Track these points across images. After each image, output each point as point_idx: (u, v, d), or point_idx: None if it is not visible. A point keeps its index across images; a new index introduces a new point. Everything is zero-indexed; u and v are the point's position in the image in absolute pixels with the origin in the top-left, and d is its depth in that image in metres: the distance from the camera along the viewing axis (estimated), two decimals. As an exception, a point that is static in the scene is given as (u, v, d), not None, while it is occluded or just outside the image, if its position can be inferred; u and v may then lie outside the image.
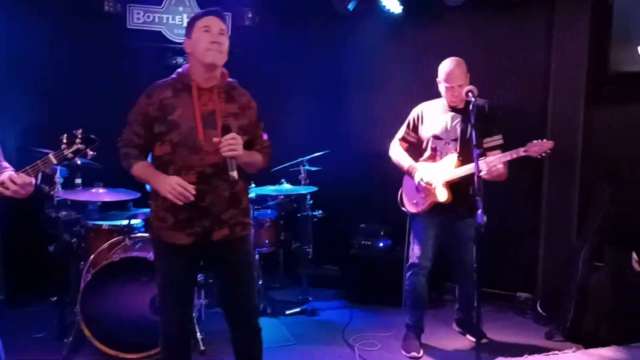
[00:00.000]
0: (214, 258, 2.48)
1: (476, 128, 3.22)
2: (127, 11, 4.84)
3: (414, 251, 3.54)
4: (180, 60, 5.30)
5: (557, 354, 3.18)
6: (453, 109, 3.45)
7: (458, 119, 3.42)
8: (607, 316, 3.57)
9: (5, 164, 2.44)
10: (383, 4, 4.48)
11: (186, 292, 2.53)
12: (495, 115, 3.49)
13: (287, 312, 4.19)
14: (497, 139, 3.44)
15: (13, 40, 4.29)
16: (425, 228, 3.50)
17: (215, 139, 2.28)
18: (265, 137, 2.59)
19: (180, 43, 5.02)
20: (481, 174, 3.02)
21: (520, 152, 3.19)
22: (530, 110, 4.40)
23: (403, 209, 3.66)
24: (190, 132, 2.32)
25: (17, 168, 2.32)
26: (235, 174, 2.28)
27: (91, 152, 2.39)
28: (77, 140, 2.34)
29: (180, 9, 4.99)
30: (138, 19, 4.92)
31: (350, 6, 4.47)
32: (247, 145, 2.43)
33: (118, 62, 4.96)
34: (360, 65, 4.92)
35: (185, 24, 4.97)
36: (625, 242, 3.84)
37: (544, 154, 3.19)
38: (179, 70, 2.45)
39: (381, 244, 4.51)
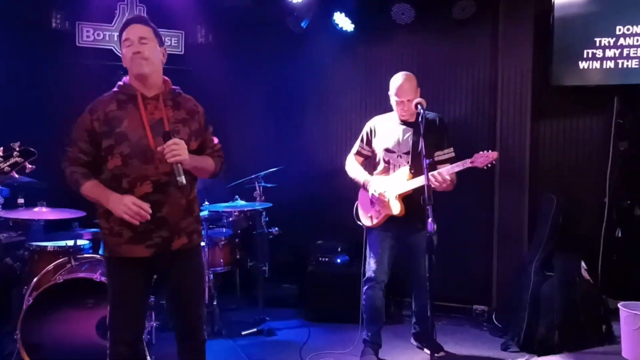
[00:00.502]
0: (168, 267, 2.42)
1: (427, 141, 3.29)
2: (76, 29, 4.76)
3: (370, 265, 3.53)
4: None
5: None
6: (405, 122, 3.50)
7: (410, 132, 3.47)
8: (559, 324, 3.62)
9: None
10: (335, 22, 4.55)
11: (139, 309, 2.45)
12: (446, 128, 3.58)
13: (243, 332, 4.08)
14: (449, 152, 3.51)
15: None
16: (380, 241, 3.51)
17: (159, 147, 2.24)
18: (215, 140, 2.56)
19: (132, 61, 5.01)
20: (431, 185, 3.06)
21: (467, 163, 3.25)
22: (479, 124, 4.52)
23: (359, 222, 3.66)
24: (140, 142, 2.27)
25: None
26: (183, 179, 2.24)
27: (30, 166, 2.28)
28: (15, 153, 2.24)
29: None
30: (88, 36, 4.84)
31: (304, 24, 4.52)
32: (199, 151, 2.43)
33: (67, 79, 4.84)
34: (314, 81, 4.97)
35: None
36: (573, 252, 3.94)
37: (489, 165, 3.25)
38: (120, 82, 2.40)
39: (338, 260, 4.49)
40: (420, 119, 3.04)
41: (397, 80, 3.42)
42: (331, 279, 4.39)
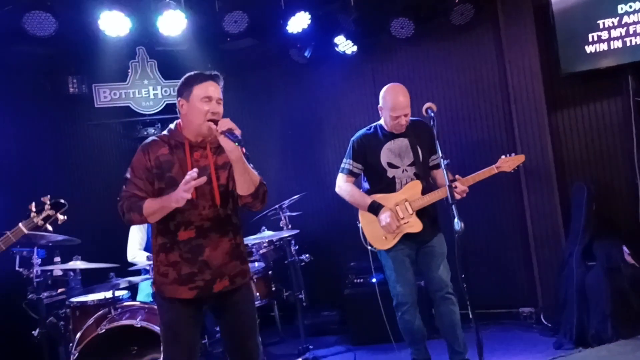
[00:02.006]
0: (217, 305, 2.47)
1: (423, 145, 3.30)
2: (93, 91, 4.96)
3: (397, 290, 3.35)
4: (151, 131, 5.39)
5: (563, 356, 3.07)
6: (393, 134, 3.35)
7: (406, 142, 3.34)
8: (611, 313, 3.49)
9: None
10: (338, 46, 4.64)
11: (191, 347, 2.45)
12: (433, 132, 3.32)
13: (288, 364, 4.05)
14: (439, 157, 3.42)
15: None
16: (400, 262, 3.33)
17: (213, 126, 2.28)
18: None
19: (149, 114, 5.18)
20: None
21: (494, 169, 3.21)
22: (495, 126, 4.50)
23: (369, 247, 3.47)
24: None
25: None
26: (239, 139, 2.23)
27: (62, 217, 2.39)
28: (46, 207, 2.35)
29: (145, 81, 5.11)
30: (105, 97, 5.03)
31: (307, 53, 4.63)
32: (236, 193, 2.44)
33: (89, 138, 5.05)
34: (325, 107, 5.06)
35: (152, 96, 5.14)
36: (613, 237, 3.83)
37: (516, 168, 3.22)
38: (171, 126, 2.47)
39: (374, 280, 4.42)
40: (432, 123, 3.03)
41: (392, 94, 3.28)
42: (369, 300, 4.30)
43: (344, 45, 4.64)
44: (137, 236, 4.25)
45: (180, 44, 4.92)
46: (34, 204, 2.36)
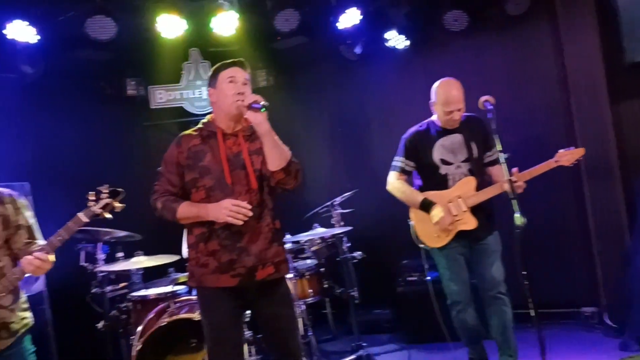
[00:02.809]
0: (258, 301, 2.46)
1: (477, 141, 3.23)
2: (149, 93, 5.12)
3: (451, 288, 3.30)
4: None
5: (631, 356, 2.93)
6: (446, 130, 3.30)
7: (459, 138, 3.27)
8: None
9: (42, 241, 2.52)
10: (388, 41, 4.60)
11: (235, 341, 2.48)
12: (488, 128, 3.29)
13: (342, 361, 4.05)
14: (496, 152, 3.32)
15: (43, 131, 4.58)
16: (454, 260, 3.28)
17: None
18: None
19: (202, 114, 5.30)
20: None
21: (552, 163, 3.11)
22: (553, 120, 4.35)
23: (421, 246, 3.43)
24: (220, 176, 2.39)
25: (58, 248, 2.38)
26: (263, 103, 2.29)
27: (119, 205, 2.43)
28: (103, 195, 2.40)
29: (199, 82, 5.24)
30: (160, 98, 5.19)
31: (357, 50, 4.61)
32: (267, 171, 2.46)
33: (146, 139, 5.20)
34: (376, 103, 5.03)
35: (204, 96, 5.25)
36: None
37: (576, 162, 3.10)
38: (204, 120, 2.55)
39: (428, 278, 4.36)
40: (490, 115, 2.96)
41: (445, 88, 3.23)
42: (423, 298, 4.25)
43: (395, 40, 4.60)
44: None
45: (232, 45, 5.02)
46: (92, 193, 2.42)
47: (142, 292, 3.81)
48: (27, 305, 2.52)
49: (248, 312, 2.77)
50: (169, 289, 3.68)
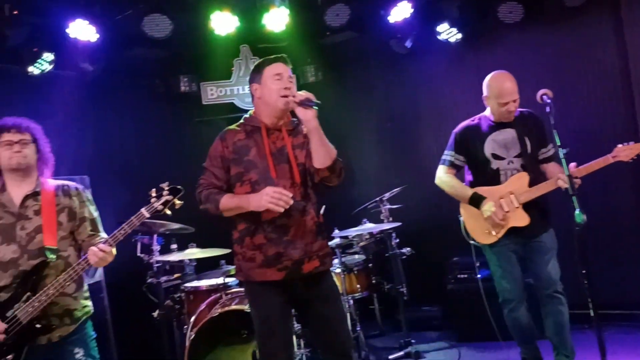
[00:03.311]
0: (304, 293, 2.46)
1: (532, 137, 3.13)
2: (200, 89, 5.23)
3: (503, 286, 3.23)
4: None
5: None
6: (500, 124, 3.21)
7: (512, 133, 3.18)
8: None
9: (103, 234, 2.62)
10: (440, 34, 4.53)
11: (285, 334, 2.49)
12: (543, 123, 3.24)
13: (390, 357, 4.02)
14: (552, 148, 3.22)
15: (101, 127, 4.77)
16: (506, 257, 3.20)
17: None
18: None
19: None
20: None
21: (609, 159, 2.99)
22: (614, 114, 4.18)
23: (472, 242, 3.36)
24: (265, 170, 2.42)
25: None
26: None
27: (179, 202, 2.52)
28: (165, 192, 2.49)
29: (248, 79, 5.29)
30: (212, 94, 5.30)
31: (408, 43, 4.56)
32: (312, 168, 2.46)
33: (198, 135, 5.32)
34: (426, 97, 4.97)
35: (254, 91, 5.32)
36: None
37: (636, 157, 2.97)
38: (246, 115, 2.58)
39: (479, 276, 4.27)
40: (548, 109, 2.87)
41: (498, 80, 3.16)
42: (474, 296, 4.17)
43: (447, 33, 4.52)
44: None
45: (281, 41, 5.06)
46: (154, 190, 2.51)
47: (195, 283, 3.91)
48: (88, 293, 2.64)
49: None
50: (220, 280, 3.77)
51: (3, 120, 2.51)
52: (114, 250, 2.45)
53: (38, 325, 2.36)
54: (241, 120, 2.57)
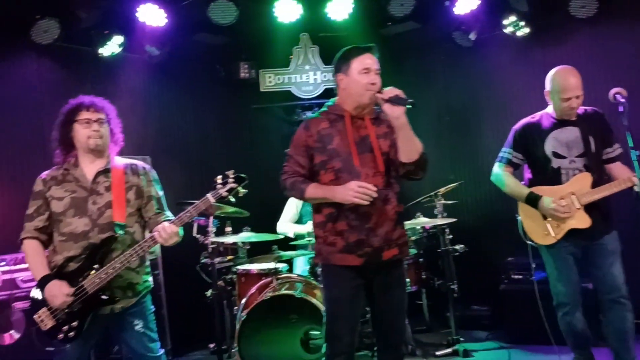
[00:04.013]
0: (375, 276, 2.49)
1: (597, 137, 3.01)
2: (259, 76, 5.30)
3: (558, 288, 3.14)
4: (309, 114, 5.62)
5: None
6: (563, 121, 3.09)
7: (576, 132, 3.06)
8: None
9: (168, 213, 2.71)
10: (507, 28, 4.39)
11: (355, 319, 2.52)
12: (609, 122, 3.11)
13: (437, 353, 3.99)
14: (618, 148, 3.08)
15: (164, 109, 4.91)
16: (564, 259, 3.10)
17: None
18: None
19: (308, 99, 5.41)
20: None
21: None
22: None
23: (529, 242, 3.26)
24: (348, 159, 2.44)
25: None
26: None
27: (243, 190, 2.57)
28: (230, 180, 2.54)
29: (307, 67, 5.34)
30: (270, 82, 5.36)
31: (472, 36, 4.45)
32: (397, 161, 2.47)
33: (254, 122, 5.42)
34: (488, 92, 4.83)
35: (312, 80, 5.35)
36: None
37: None
38: (329, 103, 2.58)
39: (534, 278, 4.16)
40: (622, 109, 2.74)
41: (562, 75, 3.05)
42: (528, 298, 4.07)
43: (514, 26, 4.37)
44: (291, 212, 4.50)
45: (341, 30, 5.05)
46: (219, 176, 2.56)
47: (247, 266, 4.00)
48: (149, 269, 2.74)
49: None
50: (272, 265, 3.83)
51: (80, 98, 2.63)
52: (181, 231, 2.53)
53: (104, 297, 2.47)
54: (323, 108, 2.58)
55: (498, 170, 3.30)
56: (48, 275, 2.47)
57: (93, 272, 2.45)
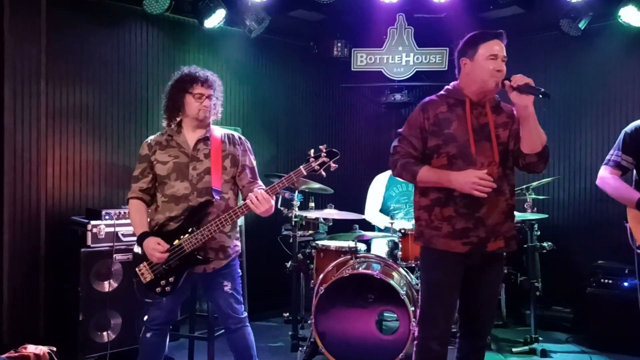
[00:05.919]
0: (475, 266, 2.43)
1: None
2: (352, 55, 5.29)
3: None
4: (398, 97, 5.59)
5: None
6: None
7: None
8: None
9: (260, 183, 2.82)
10: (622, 18, 4.09)
11: (452, 306, 2.49)
12: None
13: (514, 350, 3.89)
14: None
15: (258, 83, 5.05)
16: None
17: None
18: None
19: (398, 81, 5.35)
20: None
21: None
22: None
23: (638, 250, 3.05)
24: (465, 145, 2.39)
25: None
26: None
27: (334, 165, 2.60)
28: (323, 154, 2.59)
29: (400, 48, 5.27)
30: (361, 61, 5.33)
31: (582, 25, 4.19)
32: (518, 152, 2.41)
33: (342, 100, 5.44)
34: (593, 86, 4.53)
35: (404, 62, 5.27)
36: None
37: None
38: (448, 87, 2.53)
39: (626, 284, 3.94)
40: None
41: None
42: (617, 304, 3.88)
43: (632, 16, 4.04)
44: (376, 199, 4.49)
45: (440, 11, 4.93)
46: (312, 150, 2.61)
47: (326, 242, 4.06)
48: (239, 235, 2.88)
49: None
50: (351, 244, 3.87)
51: (195, 71, 2.72)
52: (273, 201, 2.62)
53: (199, 256, 2.63)
54: (442, 92, 2.53)
55: (605, 174, 3.10)
56: (146, 232, 2.66)
57: (190, 232, 2.61)
